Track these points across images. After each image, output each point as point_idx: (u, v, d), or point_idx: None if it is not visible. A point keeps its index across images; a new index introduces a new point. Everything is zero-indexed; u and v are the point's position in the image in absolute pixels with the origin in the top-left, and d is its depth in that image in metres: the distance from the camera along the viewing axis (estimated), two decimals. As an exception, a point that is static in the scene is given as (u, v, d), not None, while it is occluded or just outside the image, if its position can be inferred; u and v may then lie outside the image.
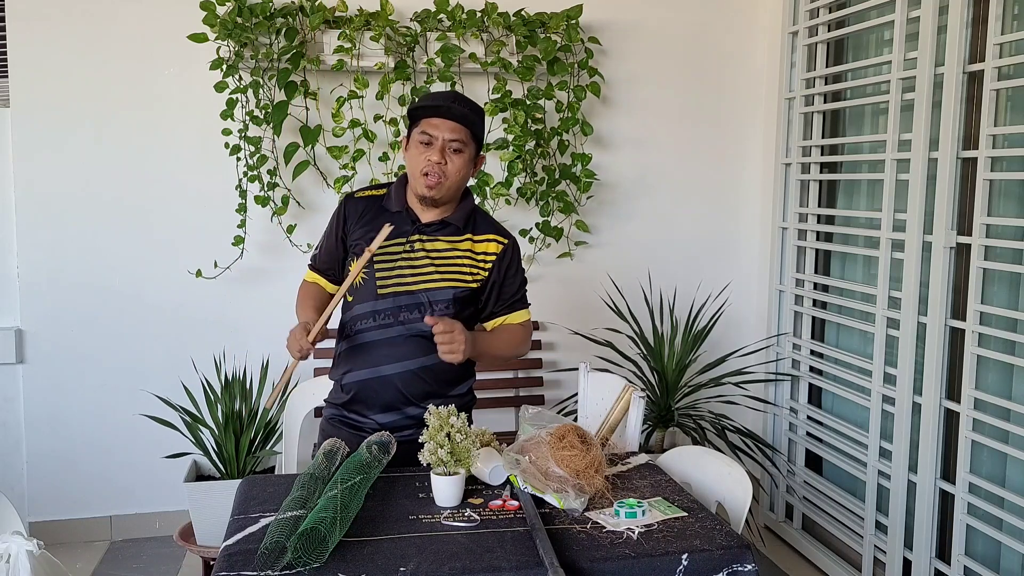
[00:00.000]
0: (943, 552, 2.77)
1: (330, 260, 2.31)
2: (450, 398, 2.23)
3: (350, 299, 2.25)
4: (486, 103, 3.46)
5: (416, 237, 2.20)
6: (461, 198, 2.26)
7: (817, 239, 3.47)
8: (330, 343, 2.34)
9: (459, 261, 2.22)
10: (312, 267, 2.37)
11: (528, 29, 3.43)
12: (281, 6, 3.31)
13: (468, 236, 2.23)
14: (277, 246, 3.48)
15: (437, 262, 2.20)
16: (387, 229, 2.13)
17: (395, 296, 2.18)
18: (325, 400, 2.35)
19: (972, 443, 2.62)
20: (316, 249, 2.38)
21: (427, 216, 2.22)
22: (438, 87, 3.41)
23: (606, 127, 3.71)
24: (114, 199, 3.41)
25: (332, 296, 2.28)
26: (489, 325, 2.31)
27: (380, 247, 2.15)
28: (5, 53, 3.30)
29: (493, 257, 2.24)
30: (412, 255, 2.19)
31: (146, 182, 3.43)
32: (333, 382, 2.32)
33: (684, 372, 3.47)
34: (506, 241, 2.26)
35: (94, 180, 3.39)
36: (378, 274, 2.19)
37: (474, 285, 2.22)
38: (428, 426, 1.91)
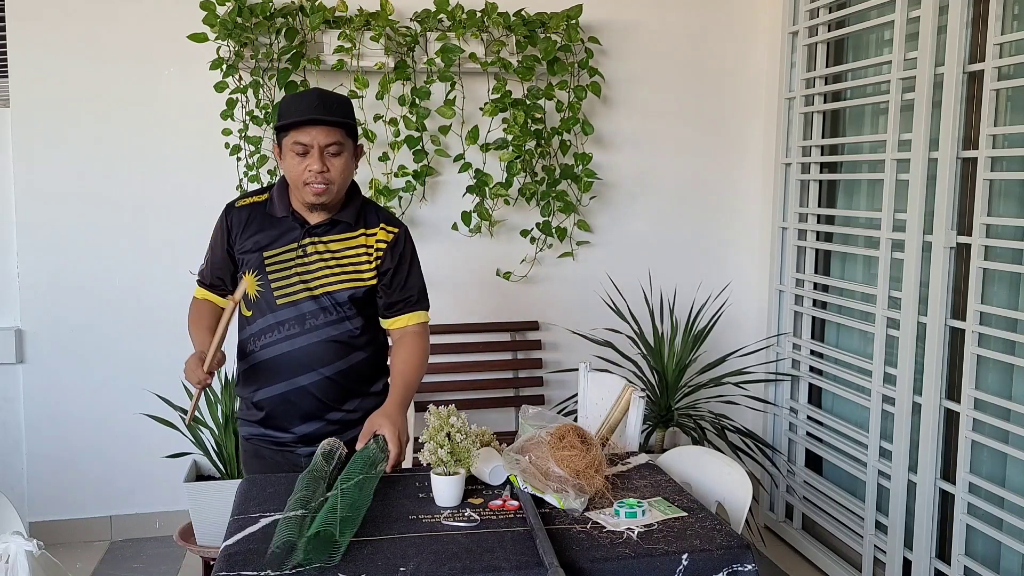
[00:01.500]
0: (943, 552, 2.77)
1: (218, 274, 2.24)
2: (369, 396, 2.22)
3: (248, 313, 2.18)
4: (486, 103, 3.47)
5: (308, 240, 2.15)
6: (349, 194, 2.20)
7: (817, 239, 3.47)
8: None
9: (355, 259, 2.17)
10: (201, 283, 2.29)
11: (528, 29, 3.43)
12: (281, 6, 3.31)
13: (361, 231, 2.19)
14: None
15: (332, 262, 2.16)
16: (245, 282, 2.10)
17: (296, 304, 2.14)
18: (239, 418, 2.30)
19: (972, 443, 2.62)
20: (203, 264, 2.29)
21: (315, 218, 2.16)
22: (438, 87, 3.42)
23: (606, 127, 3.71)
24: (114, 199, 3.41)
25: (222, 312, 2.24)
26: (390, 324, 2.22)
27: (271, 255, 2.13)
28: (5, 53, 3.30)
29: (384, 245, 2.19)
30: (306, 259, 2.14)
31: (146, 182, 3.43)
32: (242, 400, 2.26)
33: (684, 372, 3.46)
34: (396, 229, 2.22)
35: (94, 180, 3.39)
36: (274, 285, 2.14)
37: (372, 281, 2.17)
38: (427, 427, 1.91)
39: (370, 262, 2.18)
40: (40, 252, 3.38)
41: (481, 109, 3.48)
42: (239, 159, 3.35)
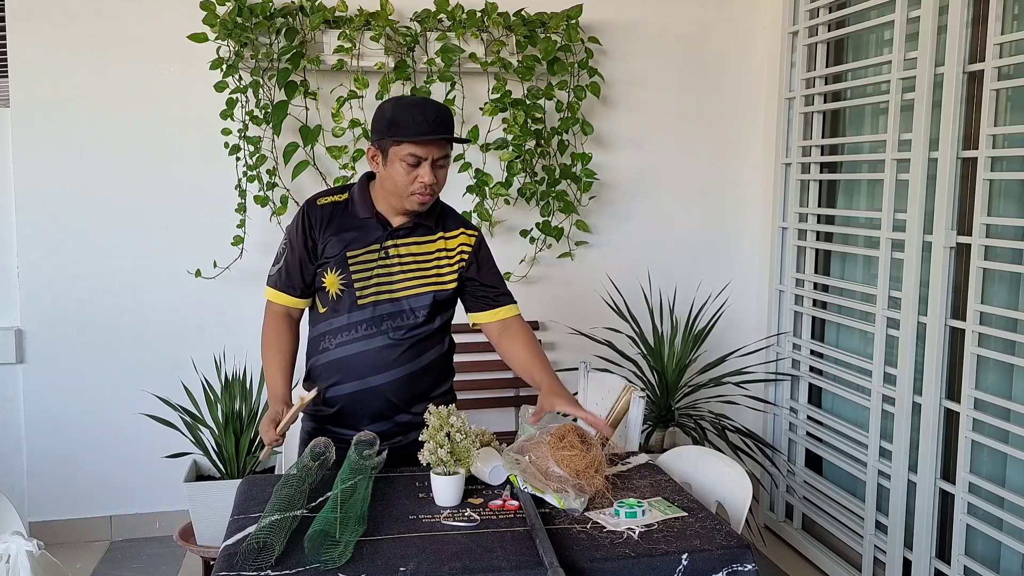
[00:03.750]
0: (943, 552, 2.77)
1: (297, 274, 2.20)
2: (435, 398, 2.22)
3: (323, 310, 2.19)
4: (486, 103, 3.47)
5: (390, 243, 2.16)
6: None
7: (817, 239, 3.47)
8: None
9: (436, 262, 2.20)
10: (275, 287, 2.23)
11: (528, 29, 3.43)
12: (281, 6, 3.31)
13: (440, 234, 2.21)
14: (276, 246, 3.46)
15: (414, 266, 2.17)
16: (310, 396, 2.11)
17: (376, 305, 2.15)
18: (305, 412, 2.28)
19: (972, 443, 2.62)
20: (276, 266, 2.24)
21: (398, 220, 2.18)
22: (438, 87, 3.42)
23: (606, 127, 3.71)
24: (114, 199, 3.41)
25: (297, 330, 2.26)
26: (481, 318, 2.28)
27: (354, 255, 2.13)
28: (5, 53, 3.30)
29: (469, 248, 2.23)
30: (387, 261, 2.16)
31: (146, 182, 3.43)
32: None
33: (684, 372, 3.47)
34: (476, 233, 2.27)
35: (94, 180, 3.39)
36: (356, 285, 2.14)
37: (452, 285, 2.21)
38: (427, 426, 1.91)
39: (451, 265, 2.20)
40: (40, 252, 3.38)
41: (481, 109, 3.48)
42: (239, 159, 3.35)
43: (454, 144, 2.15)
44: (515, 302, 2.32)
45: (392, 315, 2.15)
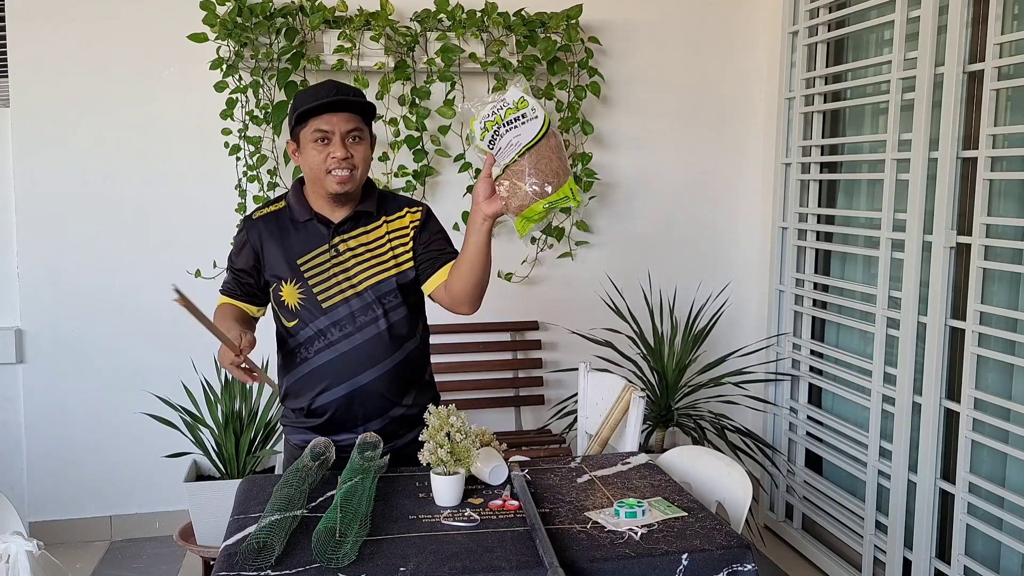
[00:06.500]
0: (943, 552, 2.77)
1: (247, 287, 2.19)
2: (423, 386, 2.23)
3: (291, 324, 2.14)
4: (486, 103, 3.46)
5: (338, 240, 2.13)
6: (366, 186, 2.19)
7: (817, 239, 3.47)
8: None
9: (388, 245, 2.16)
10: (226, 294, 2.22)
11: (528, 29, 3.44)
12: (281, 6, 3.31)
13: (383, 220, 2.18)
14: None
15: (367, 255, 2.14)
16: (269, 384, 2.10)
17: (346, 302, 2.11)
18: (286, 425, 2.24)
19: (972, 443, 2.62)
20: (226, 276, 2.24)
21: (338, 215, 2.14)
22: (438, 87, 3.42)
23: (606, 127, 3.71)
24: (114, 199, 3.41)
25: (252, 316, 2.21)
26: (434, 280, 2.16)
27: (305, 261, 2.11)
28: (5, 53, 3.30)
29: (418, 222, 2.18)
30: (340, 258, 2.12)
31: (146, 182, 3.43)
32: (293, 410, 2.20)
33: (684, 372, 3.46)
34: (421, 207, 2.23)
35: (94, 180, 3.39)
36: (316, 289, 2.11)
37: (411, 264, 2.16)
38: (427, 426, 1.91)
39: (405, 245, 2.16)
40: (40, 252, 3.39)
41: (481, 109, 3.48)
42: (239, 159, 3.36)
43: (367, 120, 2.10)
44: None
45: (363, 309, 2.12)
